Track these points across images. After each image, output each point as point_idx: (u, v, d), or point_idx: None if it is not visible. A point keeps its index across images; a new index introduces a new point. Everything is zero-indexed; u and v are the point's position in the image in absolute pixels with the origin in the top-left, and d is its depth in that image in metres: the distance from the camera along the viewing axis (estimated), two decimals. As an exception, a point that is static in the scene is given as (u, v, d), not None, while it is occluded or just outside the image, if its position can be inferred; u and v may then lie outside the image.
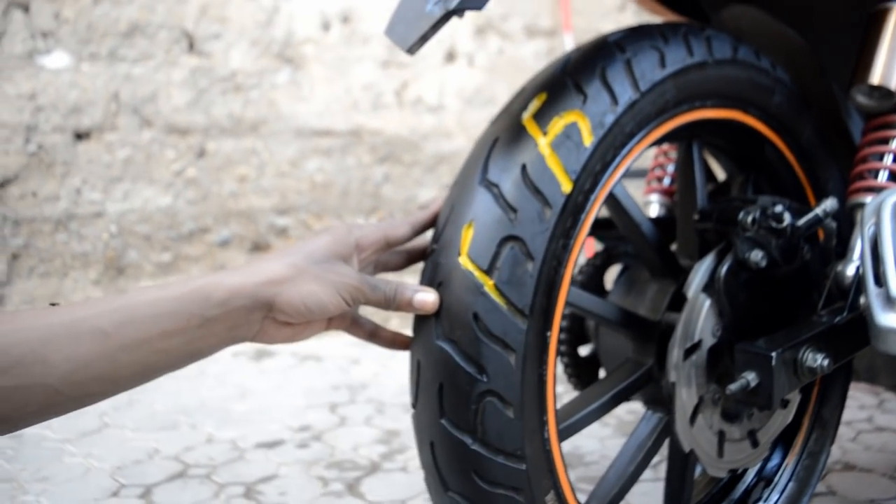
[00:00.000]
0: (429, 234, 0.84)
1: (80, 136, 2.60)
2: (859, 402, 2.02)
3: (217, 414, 1.98)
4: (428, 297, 0.75)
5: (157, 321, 0.67)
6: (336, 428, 1.87)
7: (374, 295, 0.76)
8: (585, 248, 2.29)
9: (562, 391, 2.05)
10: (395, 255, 0.85)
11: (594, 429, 1.81)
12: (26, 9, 2.54)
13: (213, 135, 2.70)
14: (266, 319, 0.73)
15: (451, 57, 2.86)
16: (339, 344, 2.65)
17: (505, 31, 2.89)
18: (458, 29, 2.83)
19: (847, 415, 1.91)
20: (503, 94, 2.80)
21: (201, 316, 0.68)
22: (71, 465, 1.64)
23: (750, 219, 0.87)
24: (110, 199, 2.62)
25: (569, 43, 2.81)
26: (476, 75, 2.87)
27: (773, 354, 0.84)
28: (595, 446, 1.71)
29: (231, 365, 2.47)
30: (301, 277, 0.72)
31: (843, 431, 1.79)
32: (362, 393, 2.15)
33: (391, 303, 0.76)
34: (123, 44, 2.62)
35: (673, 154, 1.19)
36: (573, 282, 1.10)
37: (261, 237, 2.75)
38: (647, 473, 1.52)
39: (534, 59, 2.90)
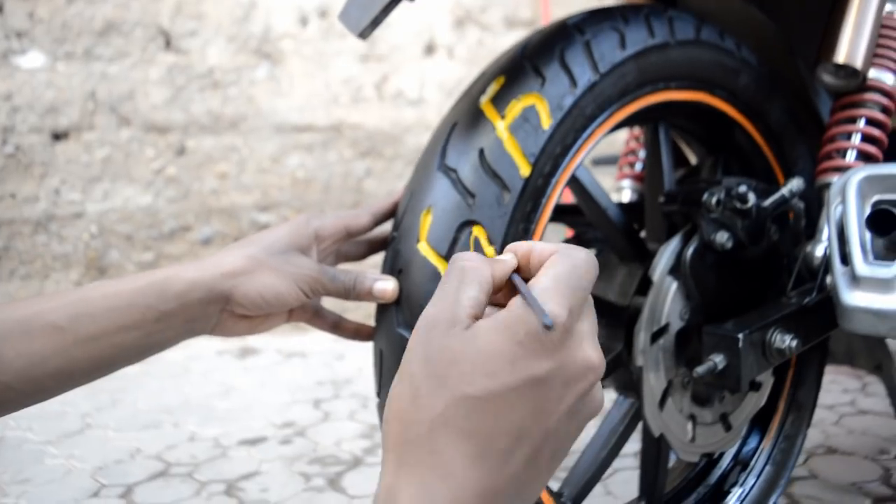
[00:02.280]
0: (390, 223, 0.83)
1: (57, 136, 2.58)
2: (842, 385, 2.02)
3: (200, 412, 1.97)
4: (387, 286, 0.75)
5: (112, 315, 0.66)
6: (319, 423, 1.86)
7: (333, 285, 0.75)
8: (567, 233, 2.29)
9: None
10: (356, 245, 0.84)
11: (577, 418, 1.81)
12: (0, 9, 2.52)
13: (193, 132, 2.68)
14: (223, 312, 0.72)
15: (430, 49, 2.85)
16: (324, 339, 2.64)
17: (484, 23, 2.88)
18: (438, 21, 2.81)
19: (830, 398, 1.91)
20: (484, 86, 2.79)
21: (157, 309, 0.68)
22: (52, 466, 1.63)
23: (714, 200, 0.87)
24: (90, 200, 2.60)
25: (548, 33, 2.81)
26: (456, 67, 2.86)
27: (740, 336, 0.83)
28: (578, 435, 1.71)
29: (215, 362, 2.45)
30: (259, 269, 0.71)
31: (826, 415, 1.80)
32: (346, 388, 2.15)
33: (351, 292, 0.75)
34: (99, 42, 2.60)
35: (644, 139, 1.19)
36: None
37: (243, 234, 2.73)
38: (628, 461, 1.52)
39: (514, 49, 2.89)
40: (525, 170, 0.75)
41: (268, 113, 2.72)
